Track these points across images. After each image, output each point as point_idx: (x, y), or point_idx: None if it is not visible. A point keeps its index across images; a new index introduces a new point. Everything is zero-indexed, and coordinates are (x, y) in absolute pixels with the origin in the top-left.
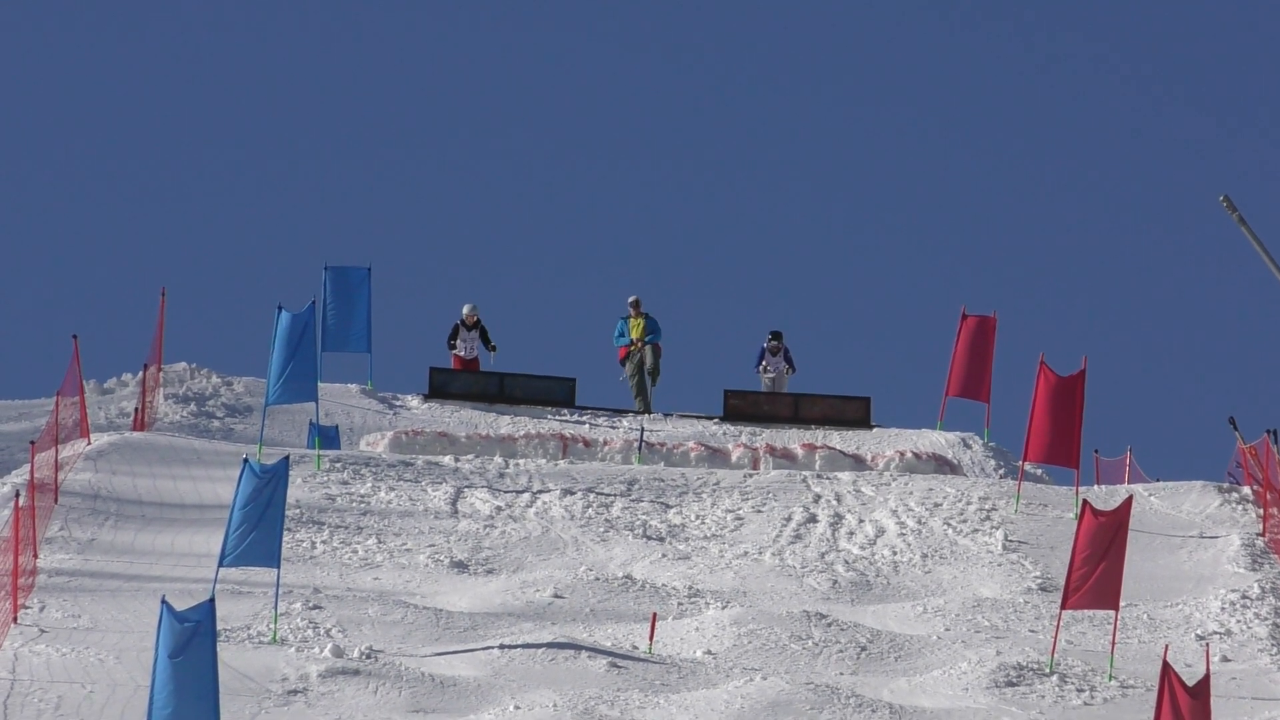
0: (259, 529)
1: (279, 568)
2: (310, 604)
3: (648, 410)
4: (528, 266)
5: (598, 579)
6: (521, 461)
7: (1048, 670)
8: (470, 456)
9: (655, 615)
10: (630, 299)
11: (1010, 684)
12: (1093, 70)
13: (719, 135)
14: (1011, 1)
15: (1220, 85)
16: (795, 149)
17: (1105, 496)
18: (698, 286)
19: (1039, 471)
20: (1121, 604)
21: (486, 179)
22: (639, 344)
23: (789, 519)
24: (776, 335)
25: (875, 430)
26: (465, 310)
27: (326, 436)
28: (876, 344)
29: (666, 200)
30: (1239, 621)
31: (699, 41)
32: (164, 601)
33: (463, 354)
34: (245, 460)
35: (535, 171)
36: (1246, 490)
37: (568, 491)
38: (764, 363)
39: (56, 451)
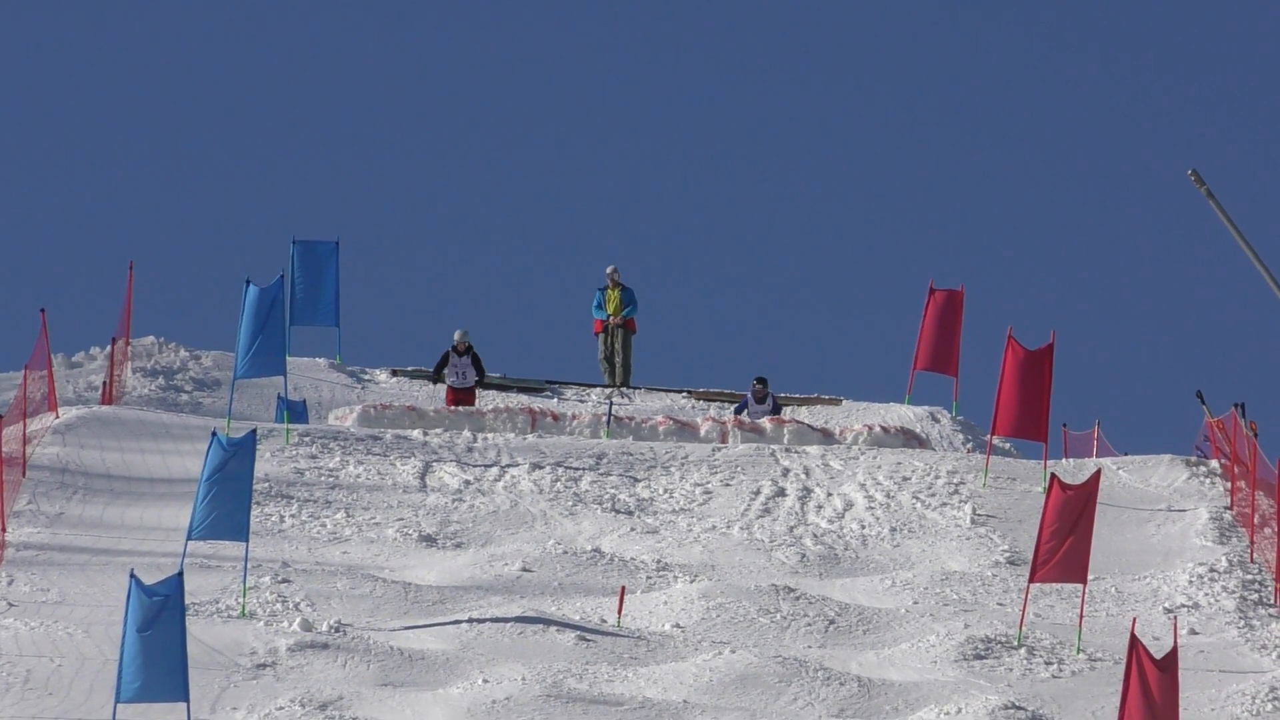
0: (227, 503)
1: (247, 542)
2: (279, 578)
3: (615, 384)
4: (499, 239)
5: (566, 553)
6: (490, 435)
7: (1016, 643)
8: (439, 430)
9: (624, 589)
10: (608, 269)
11: (978, 657)
12: (1060, 44)
13: (687, 111)
14: None
15: (1189, 59)
16: (760, 124)
17: (1073, 470)
18: (668, 261)
19: (1007, 445)
20: (1089, 577)
21: (456, 151)
22: (614, 320)
23: (757, 493)
24: (762, 381)
25: (844, 404)
26: (456, 336)
27: (294, 411)
28: (844, 318)
29: (638, 175)
30: (1207, 595)
31: (664, 27)
32: (132, 575)
33: (454, 383)
34: (214, 434)
35: (506, 143)
36: (1214, 464)
37: (536, 465)
38: (746, 410)
39: (24, 425)
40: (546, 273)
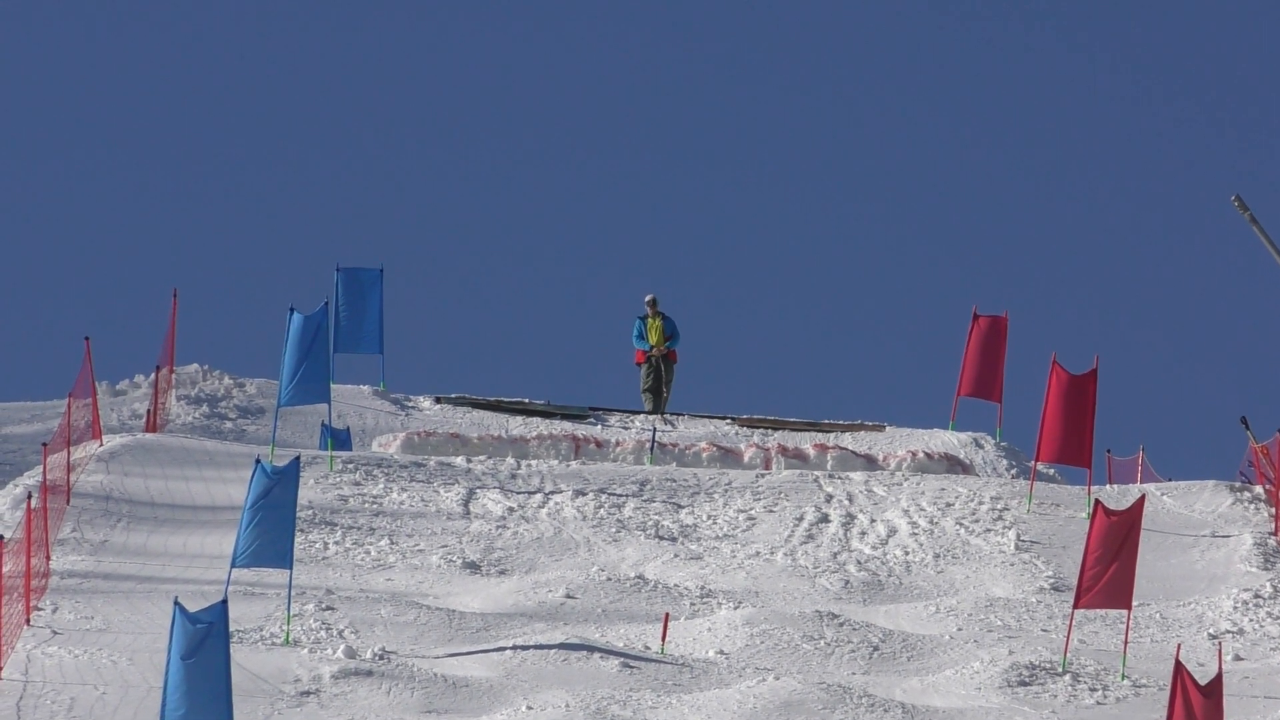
0: (271, 530)
1: (291, 569)
2: (323, 605)
3: (658, 411)
4: (541, 266)
5: (610, 579)
6: (533, 462)
7: (1060, 670)
8: (482, 457)
9: (667, 615)
10: (647, 298)
11: (1023, 683)
12: (1103, 68)
13: (730, 135)
14: None
15: (1232, 84)
16: (806, 148)
17: (1117, 496)
18: (711, 287)
19: (1051, 471)
20: (1134, 603)
21: (499, 178)
22: (657, 351)
23: (801, 519)
24: None
25: (887, 430)
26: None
27: (338, 438)
28: (888, 344)
29: (680, 200)
30: (1251, 620)
31: (704, 42)
32: (176, 603)
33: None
34: (257, 461)
35: (548, 170)
36: (1259, 489)
37: (580, 492)
38: None
39: (69, 453)
40: (589, 299)
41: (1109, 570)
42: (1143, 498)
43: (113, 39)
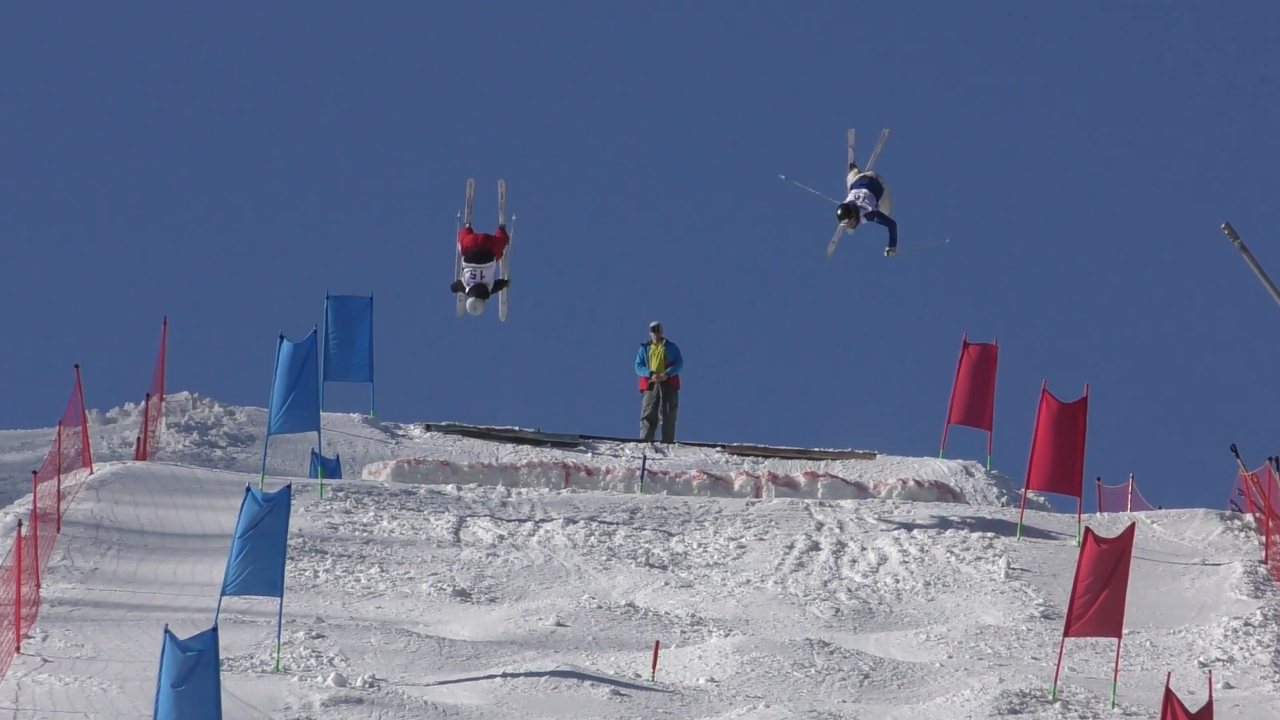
0: (261, 558)
1: (281, 597)
2: (313, 633)
3: (652, 440)
4: (531, 294)
5: (600, 607)
6: (524, 490)
7: (1051, 698)
8: (472, 485)
9: (658, 643)
10: (651, 324)
11: (1013, 711)
12: (1093, 93)
13: (716, 159)
14: (1009, 22)
15: (1222, 111)
16: (796, 172)
17: (1108, 524)
18: (700, 315)
19: (1041, 499)
20: (1124, 631)
21: (489, 204)
22: (658, 376)
23: (791, 547)
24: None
25: (878, 458)
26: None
27: (328, 466)
28: (878, 372)
29: (668, 229)
30: (1242, 648)
31: (697, 67)
32: (167, 631)
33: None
34: (248, 489)
35: (537, 197)
36: (1249, 517)
37: (570, 520)
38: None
39: (59, 481)
40: (580, 327)
41: (1099, 598)
42: (1133, 526)
43: (105, 61)
